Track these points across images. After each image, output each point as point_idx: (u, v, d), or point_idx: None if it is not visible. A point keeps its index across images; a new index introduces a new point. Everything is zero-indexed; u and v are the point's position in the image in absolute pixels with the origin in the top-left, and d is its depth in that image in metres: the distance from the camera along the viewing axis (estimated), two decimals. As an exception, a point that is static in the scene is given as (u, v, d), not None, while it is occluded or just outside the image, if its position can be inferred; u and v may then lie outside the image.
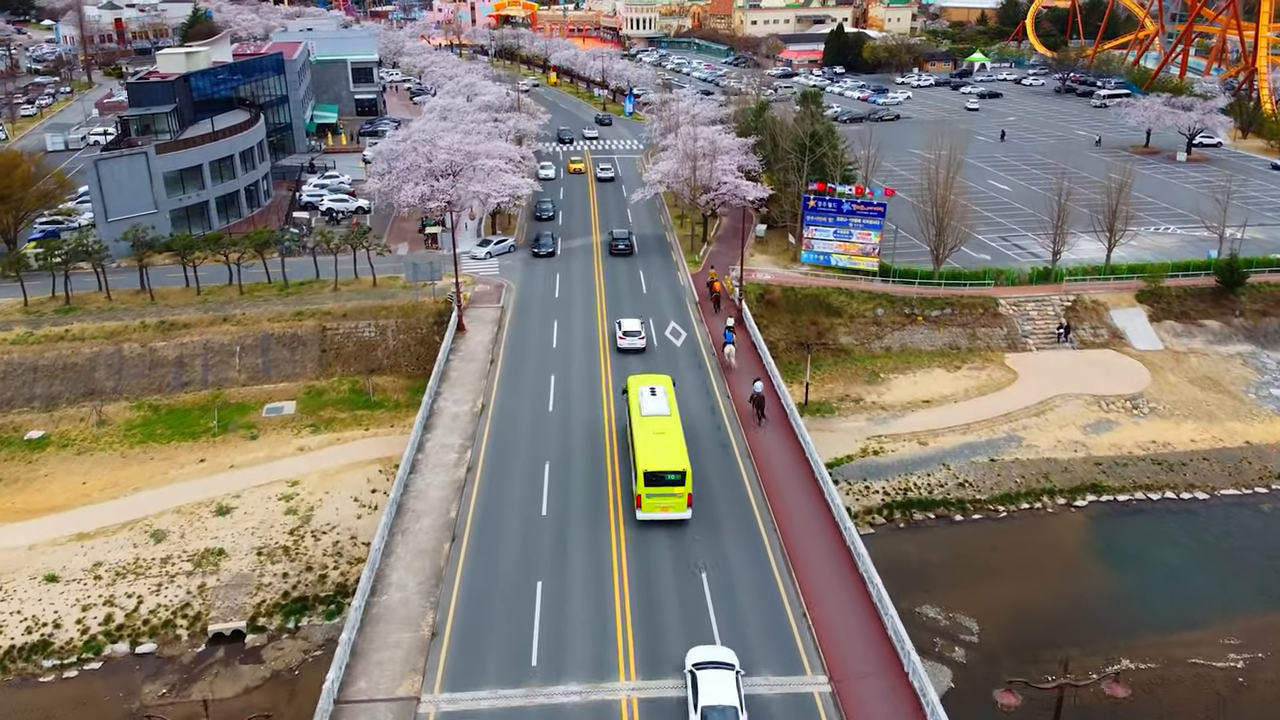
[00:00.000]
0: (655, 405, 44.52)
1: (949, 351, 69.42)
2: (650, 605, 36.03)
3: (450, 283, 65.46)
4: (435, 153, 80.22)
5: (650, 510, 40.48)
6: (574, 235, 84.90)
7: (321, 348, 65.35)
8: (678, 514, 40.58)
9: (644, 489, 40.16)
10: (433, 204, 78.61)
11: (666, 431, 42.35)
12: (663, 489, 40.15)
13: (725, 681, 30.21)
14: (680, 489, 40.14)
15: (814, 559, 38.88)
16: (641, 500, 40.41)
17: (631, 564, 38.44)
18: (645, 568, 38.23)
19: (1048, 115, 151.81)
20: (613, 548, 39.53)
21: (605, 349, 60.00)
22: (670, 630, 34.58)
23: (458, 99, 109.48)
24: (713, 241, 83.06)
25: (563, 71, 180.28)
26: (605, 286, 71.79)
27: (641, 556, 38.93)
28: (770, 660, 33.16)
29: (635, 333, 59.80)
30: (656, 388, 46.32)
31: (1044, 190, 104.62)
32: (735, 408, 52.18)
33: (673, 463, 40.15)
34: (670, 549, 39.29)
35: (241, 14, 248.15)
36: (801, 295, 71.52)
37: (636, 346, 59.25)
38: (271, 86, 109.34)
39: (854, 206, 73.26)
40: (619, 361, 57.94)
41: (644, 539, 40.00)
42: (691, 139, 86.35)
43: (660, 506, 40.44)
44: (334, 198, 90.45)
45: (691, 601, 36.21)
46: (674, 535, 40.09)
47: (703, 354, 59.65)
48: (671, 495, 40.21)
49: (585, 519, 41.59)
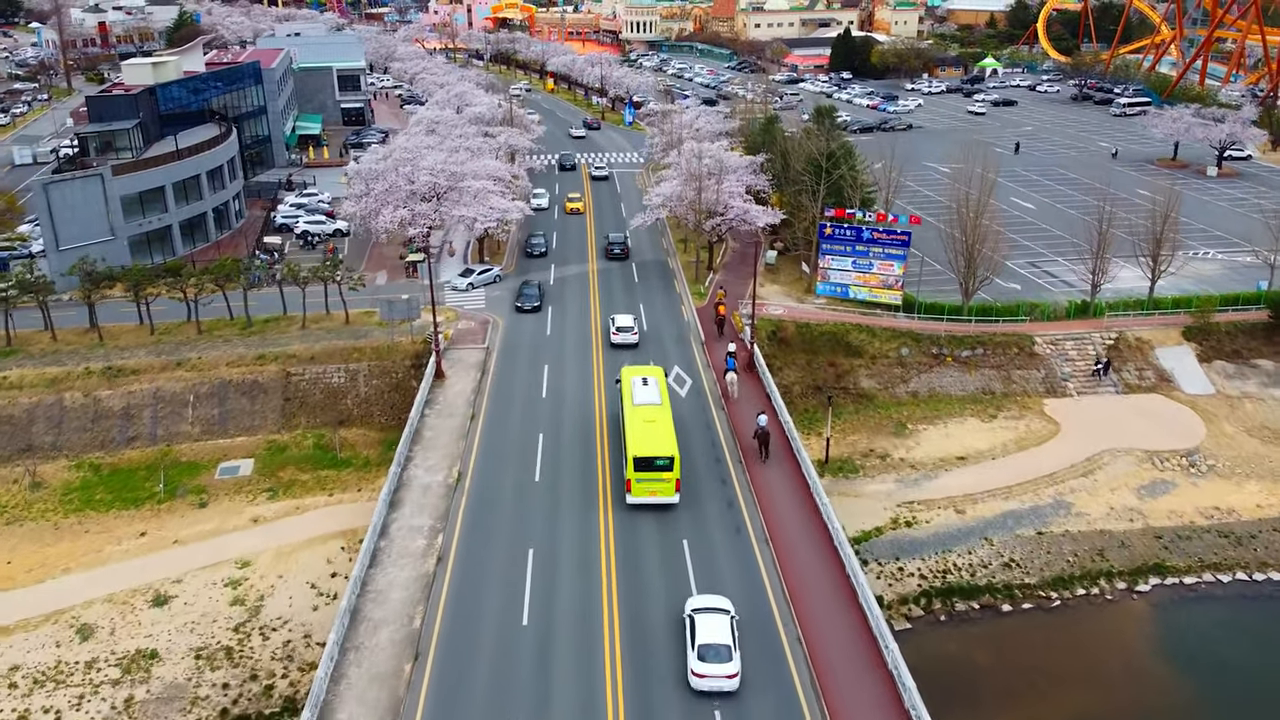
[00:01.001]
0: (647, 395, 46.37)
1: (982, 397, 62.77)
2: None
3: (431, 320, 58.84)
4: (417, 174, 73.60)
5: (640, 494, 42.13)
6: (569, 262, 78.17)
7: (285, 396, 58.69)
8: (666, 498, 42.13)
9: (634, 474, 41.81)
10: (414, 230, 72.07)
11: (657, 420, 43.84)
12: (652, 474, 41.72)
13: (720, 623, 33.01)
14: (669, 474, 41.75)
15: (843, 677, 32.38)
16: (631, 485, 42.06)
17: (629, 693, 31.85)
18: (647, 696, 31.63)
19: (1066, 125, 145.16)
20: (606, 675, 32.89)
21: (601, 401, 53.33)
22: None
23: (446, 110, 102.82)
24: (719, 269, 76.37)
25: (560, 78, 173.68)
26: (602, 323, 65.10)
27: (639, 678, 32.34)
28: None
29: (628, 329, 61.36)
30: (649, 378, 48.13)
31: (1071, 208, 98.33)
32: (744, 460, 45.67)
33: (662, 449, 41.71)
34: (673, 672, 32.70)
35: (231, 16, 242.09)
36: (818, 332, 64.87)
37: (629, 342, 60.98)
38: (248, 97, 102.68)
39: (875, 235, 66.62)
40: (615, 402, 51.29)
41: (645, 652, 33.42)
42: (695, 157, 79.81)
43: (649, 491, 42.06)
44: (310, 219, 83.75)
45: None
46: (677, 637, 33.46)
47: (711, 412, 52.85)
48: (660, 480, 41.84)
49: (575, 632, 34.95)
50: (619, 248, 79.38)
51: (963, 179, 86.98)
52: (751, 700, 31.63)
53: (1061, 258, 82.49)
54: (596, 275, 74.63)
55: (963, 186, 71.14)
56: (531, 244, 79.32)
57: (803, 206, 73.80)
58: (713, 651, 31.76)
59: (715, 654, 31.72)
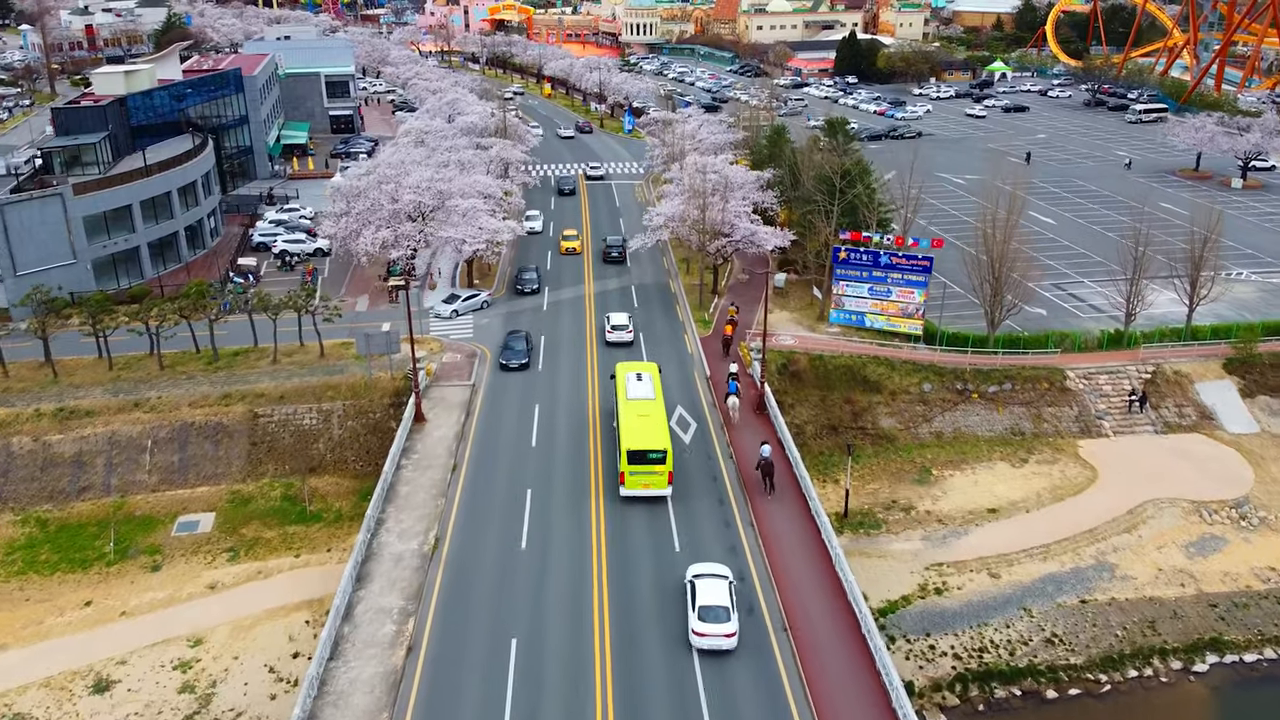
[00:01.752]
0: (640, 390, 47.37)
1: (1011, 439, 57.83)
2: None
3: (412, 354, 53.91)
4: (401, 192, 68.66)
5: (633, 487, 43.01)
6: (563, 285, 73.22)
7: (251, 440, 53.74)
8: (659, 490, 42.99)
9: (627, 467, 42.69)
10: (396, 252, 67.15)
11: (650, 414, 44.94)
12: (645, 467, 42.56)
13: (720, 587, 34.94)
14: (661, 467, 42.68)
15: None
16: (625, 477, 42.87)
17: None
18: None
19: (1080, 132, 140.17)
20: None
21: (596, 449, 48.36)
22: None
23: (436, 120, 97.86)
24: (723, 292, 71.39)
25: (558, 82, 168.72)
26: (598, 352, 60.16)
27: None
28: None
29: (623, 327, 61.54)
30: (643, 374, 49.23)
31: (1094, 224, 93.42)
32: (753, 517, 40.70)
33: (655, 442, 42.75)
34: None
35: (223, 19, 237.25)
36: (832, 366, 59.92)
37: (624, 340, 61.21)
38: (228, 106, 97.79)
39: (894, 260, 61.69)
40: (614, 463, 46.32)
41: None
42: (699, 171, 74.94)
43: (642, 483, 42.97)
44: (289, 238, 78.77)
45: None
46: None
47: (718, 461, 47.89)
48: (653, 473, 42.76)
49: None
50: (617, 250, 78.38)
51: (985, 194, 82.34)
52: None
53: (1087, 279, 77.57)
54: (593, 298, 69.67)
55: (986, 203, 66.34)
56: (522, 279, 71.17)
57: (814, 226, 68.89)
58: (712, 613, 33.73)
59: (714, 615, 33.68)
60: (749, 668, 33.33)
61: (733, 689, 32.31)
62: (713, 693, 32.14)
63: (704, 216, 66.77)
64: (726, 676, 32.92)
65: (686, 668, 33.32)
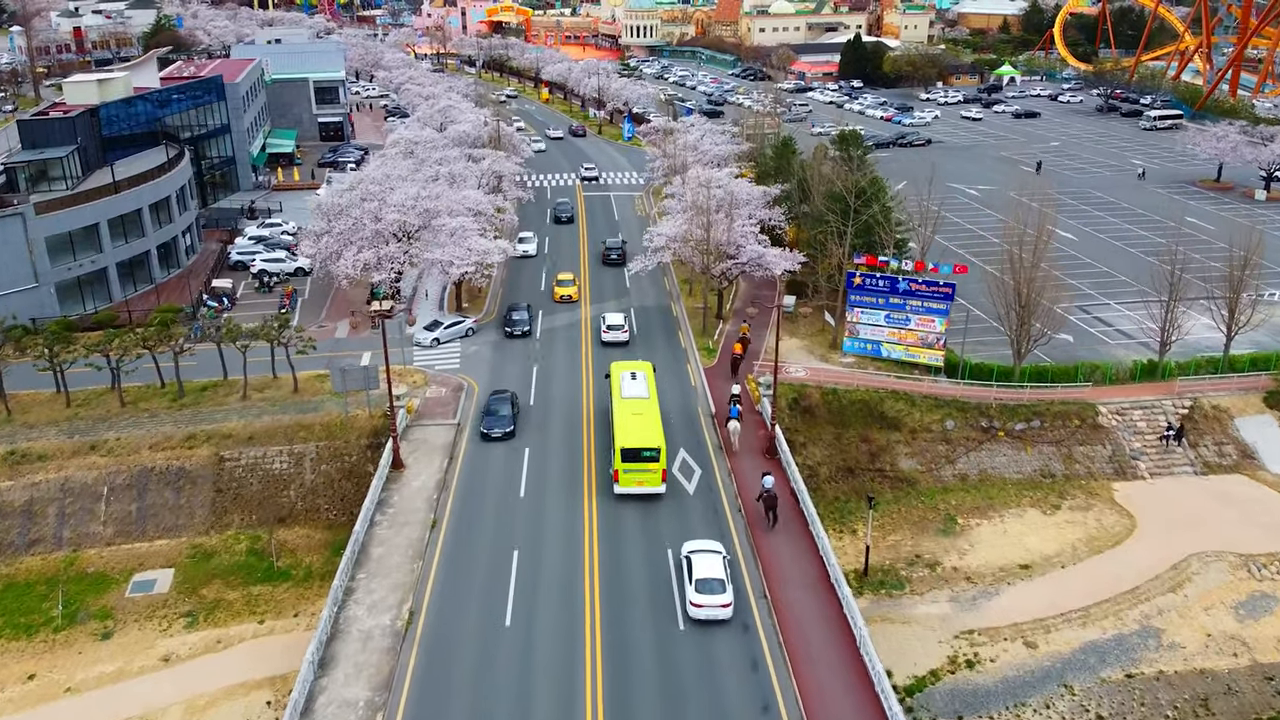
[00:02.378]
0: (635, 388, 47.56)
1: (1041, 481, 53.52)
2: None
3: (395, 389, 49.60)
4: (385, 210, 64.35)
5: (627, 485, 43.30)
6: (557, 316, 68.94)
7: (216, 487, 49.41)
8: (653, 488, 43.30)
9: (621, 465, 42.95)
10: (379, 275, 62.85)
11: (644, 412, 45.28)
12: (639, 465, 42.82)
13: (715, 561, 36.60)
14: (655, 465, 42.95)
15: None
16: (619, 475, 43.14)
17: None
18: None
19: (1094, 139, 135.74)
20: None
21: (591, 503, 44.01)
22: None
23: (427, 130, 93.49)
24: (729, 317, 67.03)
25: (555, 86, 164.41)
26: (596, 388, 55.85)
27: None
28: None
29: (619, 326, 61.60)
30: (637, 373, 49.51)
31: (1116, 239, 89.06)
32: (767, 593, 36.40)
33: (649, 440, 43.07)
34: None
35: (216, 21, 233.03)
36: (847, 401, 55.56)
37: (620, 340, 61.15)
38: (209, 115, 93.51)
39: (913, 286, 57.34)
40: (612, 525, 41.99)
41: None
42: (703, 186, 70.66)
43: (636, 481, 43.22)
44: (268, 257, 74.39)
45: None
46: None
47: (726, 515, 43.56)
48: (647, 471, 43.02)
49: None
50: (616, 252, 78.14)
51: (1006, 207, 78.03)
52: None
53: (1113, 301, 73.21)
54: (589, 321, 65.35)
55: (1010, 220, 62.06)
56: (511, 320, 63.01)
57: (825, 246, 64.45)
58: (708, 585, 35.72)
59: (710, 587, 35.67)
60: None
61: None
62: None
63: (708, 237, 62.40)
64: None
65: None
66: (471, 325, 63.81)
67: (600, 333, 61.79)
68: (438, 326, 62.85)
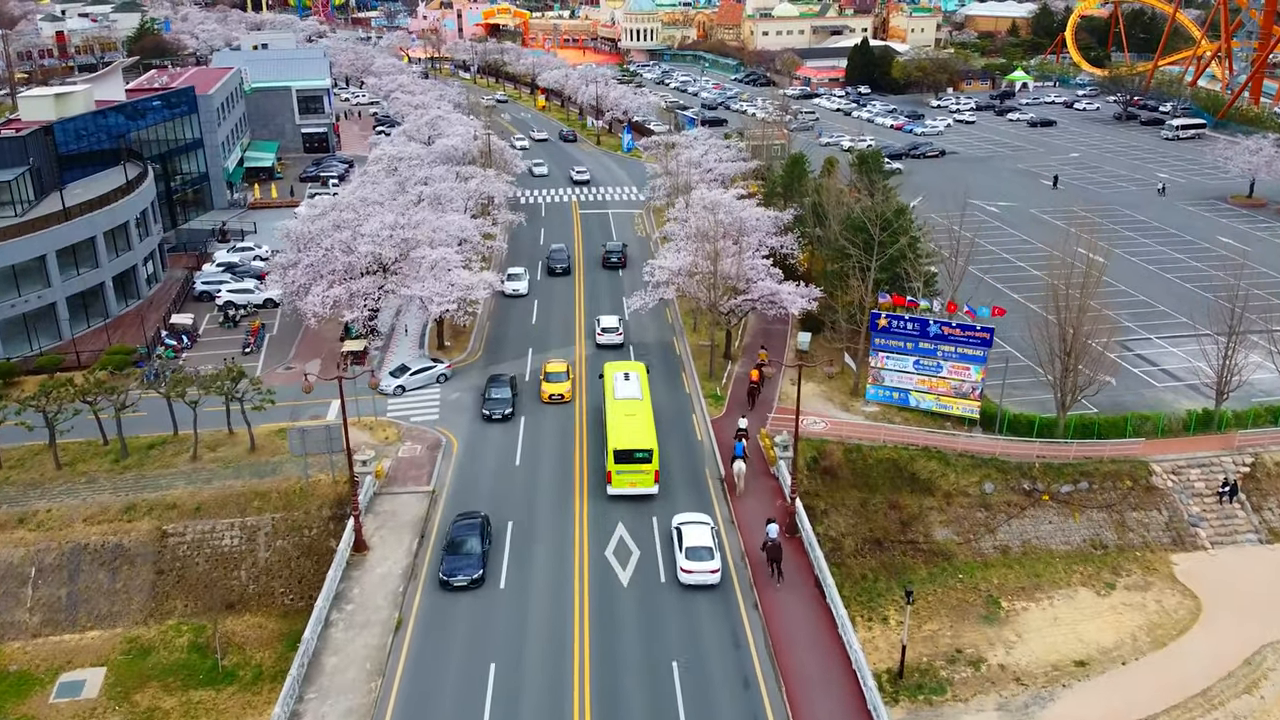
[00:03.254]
0: (628, 389, 47.76)
1: (1092, 554, 47.53)
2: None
3: (359, 452, 43.64)
4: (358, 241, 58.34)
5: (620, 486, 43.35)
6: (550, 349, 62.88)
7: (157, 568, 43.41)
8: (645, 489, 43.36)
9: (614, 466, 43.02)
10: (351, 314, 56.87)
11: (637, 413, 45.38)
12: (631, 466, 42.91)
13: (703, 531, 39.50)
14: (648, 466, 43.07)
15: None
16: (611, 476, 43.22)
17: None
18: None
19: (1114, 150, 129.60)
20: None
21: (583, 610, 37.94)
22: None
23: (413, 144, 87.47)
24: (738, 357, 60.99)
25: (552, 93, 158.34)
26: (589, 438, 49.84)
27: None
28: None
29: (613, 329, 61.19)
30: (630, 373, 49.68)
31: (1150, 263, 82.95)
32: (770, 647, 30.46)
33: (641, 441, 43.26)
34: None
35: (205, 25, 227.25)
36: (873, 459, 49.58)
37: (614, 342, 60.84)
38: (179, 129, 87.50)
39: (946, 330, 51.31)
40: (608, 641, 35.87)
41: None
42: (707, 209, 64.83)
43: (629, 482, 43.29)
44: (235, 287, 68.31)
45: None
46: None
47: (738, 604, 37.55)
48: (640, 472, 43.17)
49: None
50: (617, 256, 77.25)
51: (1024, 226, 72.10)
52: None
53: (1155, 335, 67.17)
54: (584, 362, 59.38)
55: (1054, 250, 56.12)
56: (491, 399, 52.02)
57: (843, 276, 58.35)
58: (697, 553, 38.06)
59: (699, 555, 38.02)
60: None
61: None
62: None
63: (715, 270, 56.33)
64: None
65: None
66: (444, 371, 57.13)
67: (595, 335, 61.55)
68: (403, 372, 56.41)
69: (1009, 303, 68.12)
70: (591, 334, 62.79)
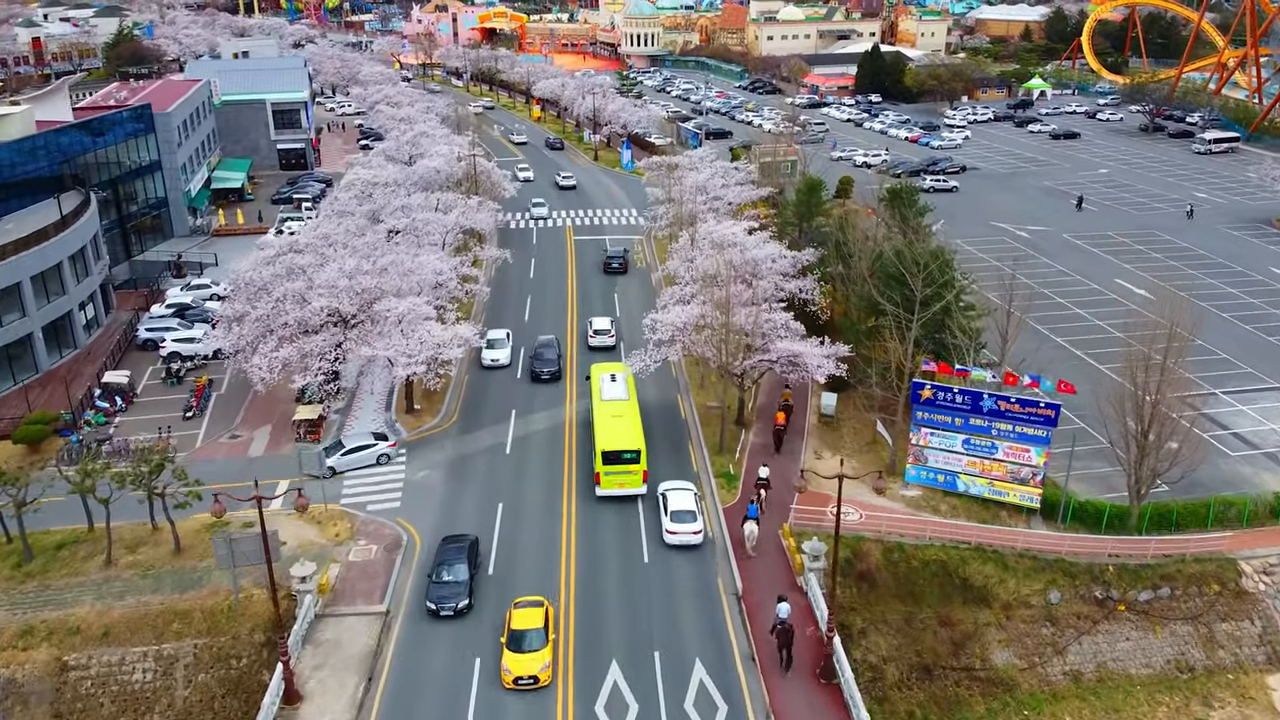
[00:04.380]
0: (615, 391, 48.31)
1: (1178, 679, 39.79)
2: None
3: (304, 560, 35.85)
4: (313, 292, 50.51)
5: (608, 486, 43.90)
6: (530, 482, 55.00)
7: (54, 710, 35.60)
8: (634, 489, 43.96)
9: (602, 467, 43.62)
10: (301, 380, 49.11)
11: (624, 415, 45.92)
12: (619, 467, 43.56)
13: (687, 495, 42.47)
14: (636, 466, 43.71)
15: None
16: (600, 478, 43.74)
17: None
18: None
19: (1144, 166, 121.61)
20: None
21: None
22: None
23: (390, 166, 79.68)
24: (752, 422, 53.02)
25: (548, 103, 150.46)
26: (578, 540, 42.05)
27: None
28: None
29: (605, 331, 60.90)
30: (617, 375, 50.18)
31: (1203, 299, 74.76)
32: None
33: (629, 443, 43.91)
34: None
35: (190, 30, 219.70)
36: (917, 561, 41.73)
37: (606, 344, 60.48)
38: (134, 151, 79.77)
39: (1002, 406, 43.45)
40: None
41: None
42: (713, 247, 57.24)
43: (617, 483, 43.89)
44: (181, 336, 60.41)
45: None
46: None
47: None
48: (628, 473, 43.79)
49: None
50: (618, 261, 75.10)
51: (1059, 255, 64.27)
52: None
53: (1220, 390, 59.16)
54: (571, 427, 51.57)
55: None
56: (441, 582, 37.50)
57: (876, 332, 50.41)
58: (680, 516, 41.24)
59: (682, 518, 41.18)
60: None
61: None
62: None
63: (726, 326, 48.43)
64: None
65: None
66: (386, 451, 47.93)
67: (587, 337, 61.38)
68: (337, 450, 47.78)
69: (1056, 353, 60.47)
70: (585, 391, 54.97)
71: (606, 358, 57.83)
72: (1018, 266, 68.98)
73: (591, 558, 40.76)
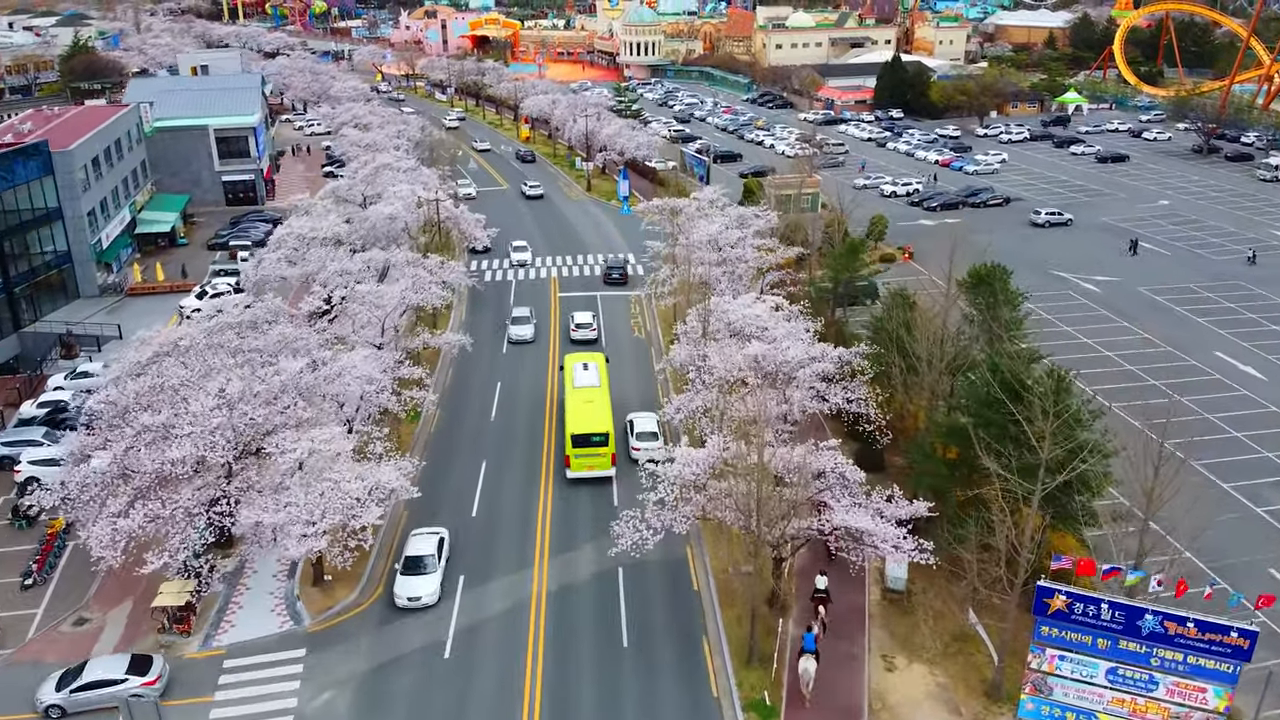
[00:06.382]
0: (586, 378, 49.51)
1: None
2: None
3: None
4: (178, 424, 36.19)
5: (578, 469, 45.31)
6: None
7: None
8: (603, 471, 45.47)
9: (572, 450, 44.95)
10: (161, 559, 34.85)
11: (595, 400, 47.28)
12: (589, 450, 44.99)
13: (651, 420, 48.24)
14: (605, 449, 45.12)
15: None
16: (570, 460, 45.14)
17: None
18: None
19: (1204, 195, 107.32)
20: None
21: None
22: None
23: (330, 218, 65.33)
24: (791, 603, 38.32)
25: (539, 122, 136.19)
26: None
27: None
28: None
29: (587, 325, 62.41)
30: (589, 363, 51.15)
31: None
32: None
33: (598, 426, 45.26)
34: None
35: (160, 38, 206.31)
36: None
37: (588, 338, 61.71)
38: (25, 198, 65.57)
39: (1171, 628, 29.17)
40: None
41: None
42: (731, 338, 43.23)
43: (587, 465, 45.30)
44: (40, 457, 46.16)
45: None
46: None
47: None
48: (597, 455, 45.18)
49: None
50: (618, 272, 74.14)
51: (1140, 316, 49.44)
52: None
53: None
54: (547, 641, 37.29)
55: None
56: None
57: (963, 471, 36.25)
58: (645, 437, 46.77)
59: (647, 438, 46.67)
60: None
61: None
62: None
63: (760, 482, 33.98)
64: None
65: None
66: (138, 690, 32.47)
67: (569, 331, 62.34)
68: (67, 682, 33.04)
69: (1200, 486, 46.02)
70: (571, 544, 40.82)
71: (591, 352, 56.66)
72: (1082, 328, 53.92)
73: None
